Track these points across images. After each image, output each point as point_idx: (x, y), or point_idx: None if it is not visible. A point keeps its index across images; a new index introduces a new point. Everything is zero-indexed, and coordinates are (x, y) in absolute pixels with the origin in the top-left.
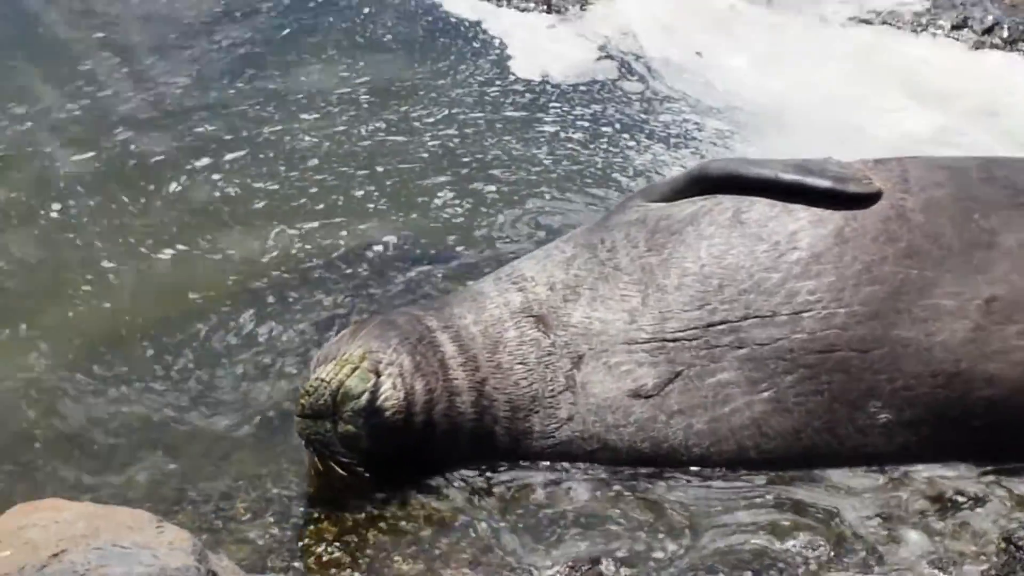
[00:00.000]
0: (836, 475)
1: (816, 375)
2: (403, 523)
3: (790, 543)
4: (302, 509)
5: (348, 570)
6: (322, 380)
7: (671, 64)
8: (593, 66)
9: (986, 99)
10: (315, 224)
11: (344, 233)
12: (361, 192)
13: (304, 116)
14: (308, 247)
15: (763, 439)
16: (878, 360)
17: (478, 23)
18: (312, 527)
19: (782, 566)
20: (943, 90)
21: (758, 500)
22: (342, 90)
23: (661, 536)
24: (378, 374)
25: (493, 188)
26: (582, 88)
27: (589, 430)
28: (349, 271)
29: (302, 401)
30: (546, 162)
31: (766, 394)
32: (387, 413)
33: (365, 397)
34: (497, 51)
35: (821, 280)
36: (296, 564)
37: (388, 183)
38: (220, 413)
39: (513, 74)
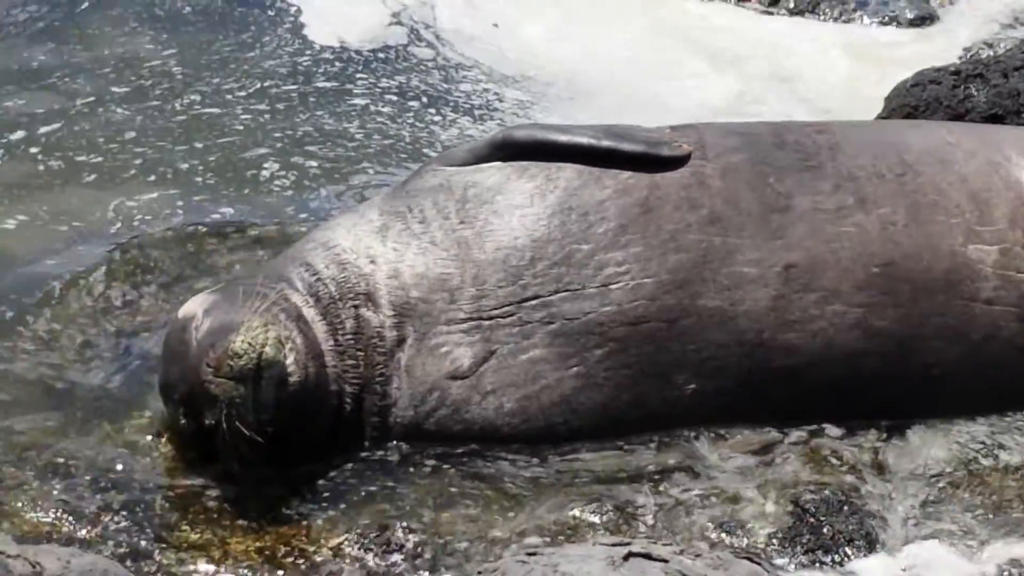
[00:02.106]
0: (639, 441)
1: (625, 348)
2: (192, 491)
3: (583, 512)
4: (88, 478)
5: (136, 538)
6: (247, 343)
7: (463, 33)
8: (384, 32)
9: (776, 66)
10: (153, 195)
11: (181, 203)
12: (186, 165)
13: (115, 89)
14: (149, 217)
15: (572, 415)
16: (685, 330)
17: None
18: (99, 496)
19: (569, 532)
20: (736, 56)
21: (563, 470)
22: (152, 62)
23: (460, 507)
24: (282, 345)
25: (315, 163)
26: (380, 56)
27: (409, 415)
28: (193, 239)
29: (229, 363)
30: (358, 136)
31: (575, 370)
32: (295, 384)
33: (280, 367)
34: (292, 18)
35: (629, 251)
36: (81, 533)
37: (211, 158)
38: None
39: (313, 41)
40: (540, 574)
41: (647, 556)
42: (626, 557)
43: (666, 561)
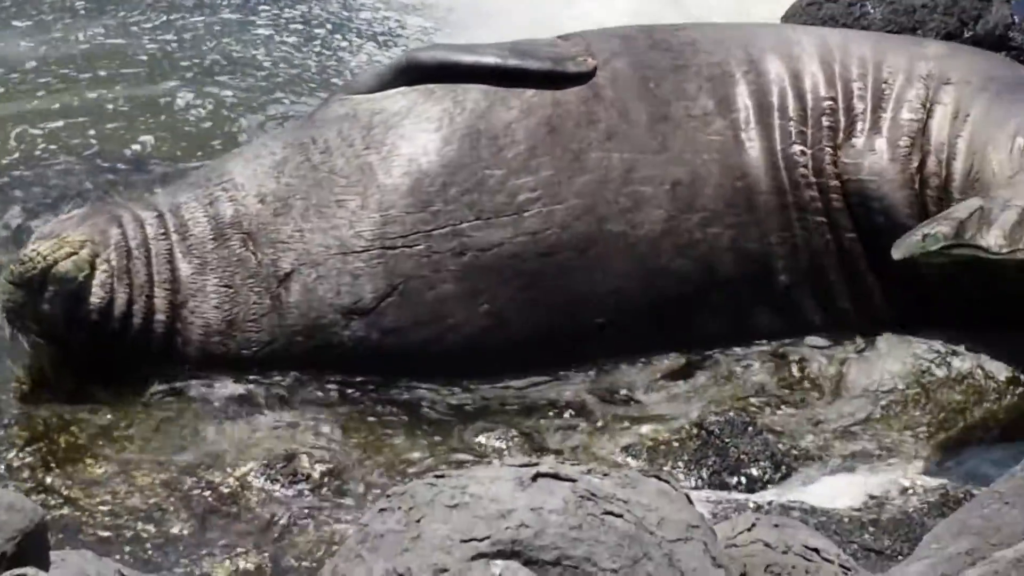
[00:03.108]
0: (545, 376)
1: (536, 282)
2: (94, 427)
3: (489, 439)
4: None
5: (41, 473)
6: (38, 254)
7: None
8: None
9: None
10: (59, 123)
11: (92, 132)
12: (94, 94)
13: (16, 23)
14: (54, 146)
15: (477, 357)
16: (594, 260)
17: None
18: (2, 432)
19: (476, 460)
20: None
21: (475, 400)
22: None
23: (366, 435)
24: (92, 267)
25: (229, 93)
26: None
27: (293, 350)
28: (108, 168)
29: (12, 267)
30: (266, 65)
31: (485, 307)
32: (88, 307)
33: (74, 284)
34: None
35: (540, 175)
36: None
37: (117, 86)
38: None
39: None
40: (448, 496)
41: (555, 476)
42: (534, 478)
43: (574, 480)
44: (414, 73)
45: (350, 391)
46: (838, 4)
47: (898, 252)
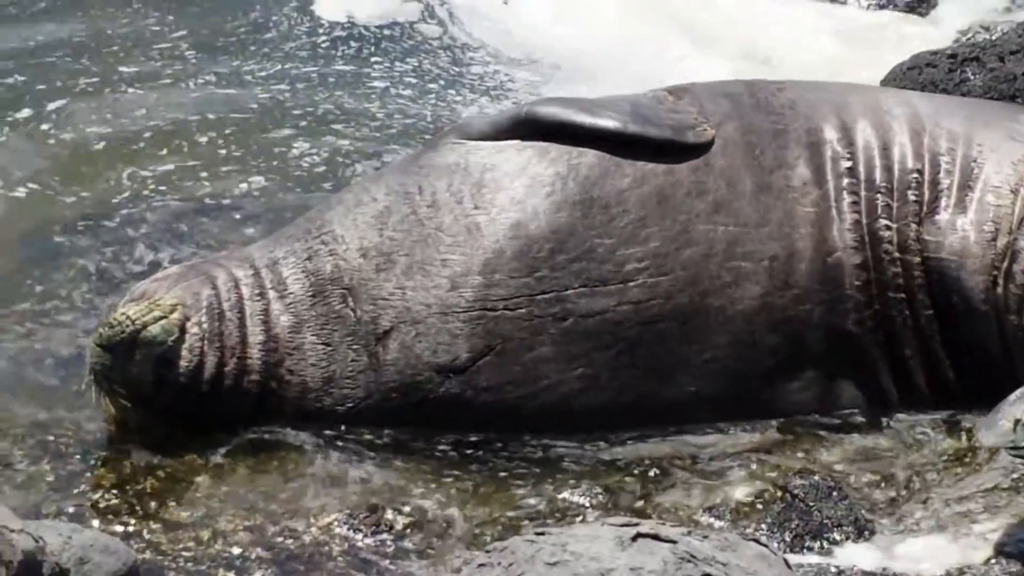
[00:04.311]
0: (630, 433)
1: (634, 348)
2: (180, 472)
3: (573, 495)
4: (79, 456)
5: (126, 516)
6: (128, 317)
7: (475, 12)
8: (396, 8)
9: (763, 47)
10: (169, 167)
11: (205, 175)
12: (204, 138)
13: (123, 69)
14: (164, 187)
15: (568, 416)
16: (695, 331)
17: None
18: (89, 474)
19: (558, 516)
20: (727, 37)
21: (553, 456)
22: (161, 44)
23: (449, 489)
24: (183, 330)
25: (345, 142)
26: (391, 35)
27: (387, 407)
28: (217, 212)
29: (100, 330)
30: (380, 116)
31: (580, 371)
32: (177, 371)
33: (163, 348)
34: None
35: (648, 246)
36: (70, 510)
37: (227, 131)
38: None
39: (321, 18)
40: (549, 553)
41: (655, 537)
42: (634, 538)
43: (675, 542)
44: (531, 127)
45: (438, 448)
46: (938, 69)
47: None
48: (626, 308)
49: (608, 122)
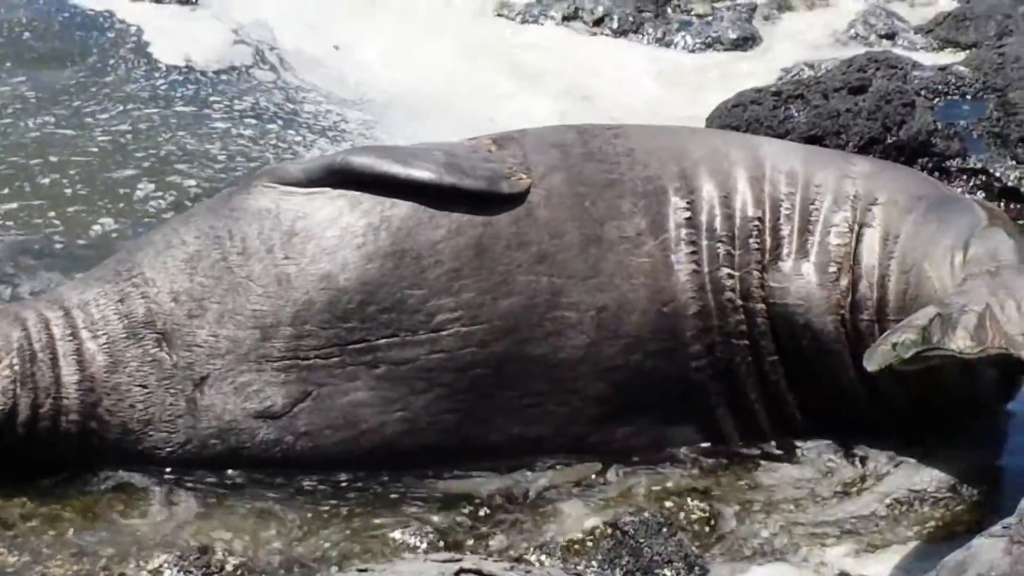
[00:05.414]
0: (458, 472)
1: (451, 394)
2: (7, 516)
3: (404, 535)
4: None
5: None
6: None
7: (304, 55)
8: (229, 51)
9: (586, 86)
10: (13, 205)
11: (52, 214)
12: (47, 180)
13: None
14: (11, 223)
15: (391, 458)
16: (510, 377)
17: (111, 11)
18: None
19: (389, 554)
20: (553, 76)
21: (383, 493)
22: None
23: (280, 530)
24: None
25: (192, 182)
26: (223, 77)
27: (208, 452)
28: (68, 252)
29: None
30: (221, 158)
31: (399, 414)
32: None
33: None
34: (135, 38)
35: (461, 297)
36: None
37: (72, 171)
38: None
39: (158, 61)
40: None
41: (478, 572)
42: (457, 573)
43: None
44: (345, 176)
45: (264, 488)
46: (762, 107)
47: (872, 364)
48: (439, 356)
49: (421, 173)
